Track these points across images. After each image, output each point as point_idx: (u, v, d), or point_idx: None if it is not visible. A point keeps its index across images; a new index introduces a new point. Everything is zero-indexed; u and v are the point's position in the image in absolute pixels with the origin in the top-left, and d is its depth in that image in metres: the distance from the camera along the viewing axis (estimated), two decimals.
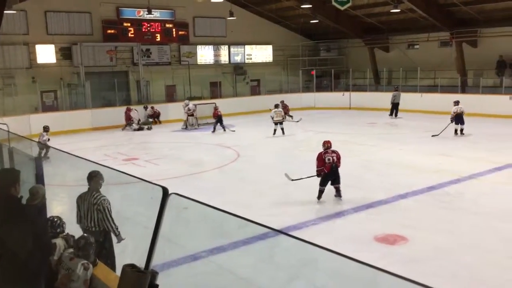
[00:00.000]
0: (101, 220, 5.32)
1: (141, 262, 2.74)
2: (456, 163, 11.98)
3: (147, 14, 21.14)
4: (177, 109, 21.38)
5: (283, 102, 21.20)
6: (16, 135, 7.32)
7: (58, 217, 4.76)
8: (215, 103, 19.68)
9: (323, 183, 9.02)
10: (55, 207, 6.98)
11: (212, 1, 21.48)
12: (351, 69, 26.36)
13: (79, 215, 5.49)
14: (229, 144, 15.73)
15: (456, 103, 15.88)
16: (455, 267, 6.12)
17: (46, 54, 21.02)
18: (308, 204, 8.95)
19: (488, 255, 6.48)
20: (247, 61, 27.55)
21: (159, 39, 23.45)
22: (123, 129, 20.23)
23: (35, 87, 20.33)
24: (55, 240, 4.41)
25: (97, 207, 5.29)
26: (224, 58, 26.79)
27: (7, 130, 7.42)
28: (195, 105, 20.50)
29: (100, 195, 5.34)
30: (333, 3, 21.23)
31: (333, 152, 9.05)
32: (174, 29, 23.79)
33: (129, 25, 22.48)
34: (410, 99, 22.24)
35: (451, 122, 15.78)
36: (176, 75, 24.48)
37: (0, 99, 18.75)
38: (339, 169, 9.03)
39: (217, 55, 26.51)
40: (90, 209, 5.33)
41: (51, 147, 12.76)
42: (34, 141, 7.61)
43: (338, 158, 9.02)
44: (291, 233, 3.83)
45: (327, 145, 9.19)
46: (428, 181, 10.15)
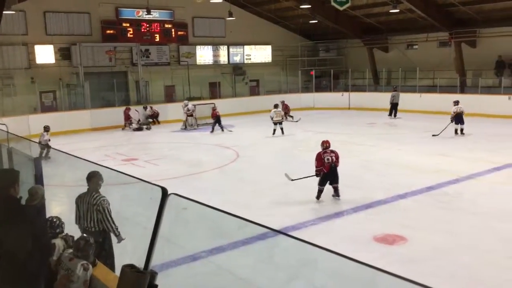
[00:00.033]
0: (101, 220, 5.31)
1: (140, 262, 2.75)
2: (455, 163, 11.99)
3: (146, 14, 21.14)
4: (176, 109, 21.38)
5: (284, 102, 21.25)
6: (15, 135, 7.32)
7: (57, 217, 4.76)
8: (213, 104, 19.67)
9: (322, 183, 9.04)
10: (54, 208, 6.98)
11: (211, 1, 21.49)
12: (350, 69, 26.38)
13: (78, 216, 5.49)
14: (229, 144, 15.72)
15: (456, 103, 15.90)
16: (453, 267, 6.13)
17: (45, 54, 21.00)
18: (307, 204, 8.95)
19: (486, 255, 6.49)
20: (246, 61, 27.55)
21: (158, 40, 23.43)
22: (123, 128, 20.26)
23: (34, 87, 20.31)
24: (55, 240, 4.42)
25: (96, 208, 5.29)
26: (223, 58, 26.78)
27: (6, 130, 7.42)
28: (194, 105, 20.52)
29: (99, 195, 5.34)
30: (332, 4, 21.24)
31: (332, 152, 9.07)
32: (173, 30, 23.78)
33: (128, 25, 22.46)
34: (409, 99, 22.26)
35: (451, 122, 15.81)
36: (175, 75, 24.48)
37: None
38: (338, 168, 9.06)
39: (216, 56, 26.51)
40: (89, 209, 5.33)
41: (51, 147, 12.82)
42: (33, 141, 7.59)
43: (336, 157, 9.05)
44: (291, 233, 3.84)
45: (325, 144, 9.20)
46: (427, 181, 10.17)
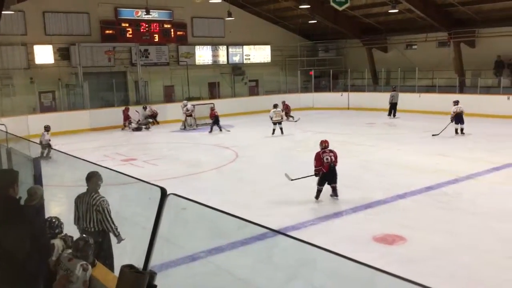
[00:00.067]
0: (101, 221, 5.31)
1: (140, 262, 2.74)
2: (454, 163, 12.00)
3: (145, 14, 21.14)
4: (175, 109, 21.37)
5: (285, 102, 21.25)
6: (14, 135, 7.31)
7: (56, 217, 4.76)
8: (212, 104, 19.67)
9: (321, 183, 9.04)
10: (53, 208, 6.98)
11: (210, 1, 21.48)
12: (349, 69, 26.39)
13: (77, 216, 5.48)
14: (228, 144, 15.72)
15: (455, 102, 15.92)
16: (453, 267, 6.13)
17: (44, 54, 20.99)
18: (306, 204, 8.95)
19: (486, 255, 6.49)
20: (245, 61, 27.54)
21: (157, 40, 23.42)
22: (123, 128, 20.25)
23: (33, 87, 20.29)
24: (54, 240, 4.41)
25: (96, 208, 5.28)
26: (222, 58, 26.78)
27: (5, 130, 7.41)
28: (194, 105, 20.51)
29: (99, 196, 5.33)
30: (331, 4, 21.23)
31: (331, 151, 9.08)
32: (172, 30, 23.76)
33: (127, 25, 22.45)
34: (408, 99, 22.28)
35: (451, 121, 15.82)
36: (174, 75, 24.47)
37: None
38: (336, 168, 9.06)
39: (215, 56, 26.50)
40: (89, 210, 5.32)
41: (52, 147, 12.82)
42: (32, 141, 7.58)
43: (335, 157, 9.06)
44: (290, 234, 3.84)
45: (324, 144, 9.21)
46: (426, 181, 10.17)
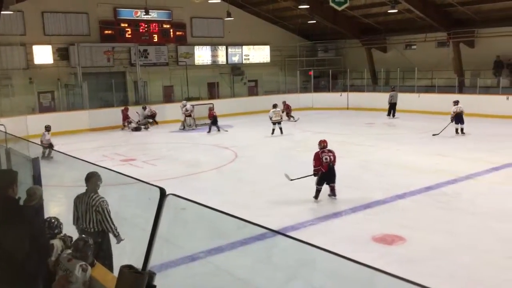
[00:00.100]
0: (100, 221, 5.30)
1: (139, 263, 2.74)
2: (453, 163, 12.00)
3: (145, 14, 21.13)
4: (174, 109, 21.35)
5: (285, 102, 21.26)
6: (13, 136, 7.31)
7: (55, 218, 4.76)
8: (212, 104, 19.65)
9: (320, 183, 9.04)
10: (53, 208, 6.98)
11: (209, 1, 21.47)
12: (349, 69, 26.40)
13: (76, 216, 5.47)
14: (227, 144, 15.71)
15: (455, 102, 15.93)
16: (452, 267, 6.13)
17: (43, 54, 20.96)
18: (305, 204, 8.95)
19: (485, 255, 6.49)
20: (244, 61, 27.54)
21: (156, 40, 23.39)
22: (123, 128, 20.24)
23: (32, 88, 20.28)
24: (53, 241, 4.41)
25: (95, 209, 5.28)
26: (221, 58, 26.76)
27: (4, 131, 7.41)
28: (193, 105, 20.51)
29: (98, 196, 5.32)
30: (331, 4, 21.24)
31: (330, 151, 9.09)
32: (171, 30, 23.74)
33: (127, 25, 22.41)
34: (407, 99, 22.28)
35: (451, 121, 15.83)
36: (173, 75, 24.44)
37: None
38: (335, 168, 9.07)
39: (214, 56, 26.48)
40: (88, 210, 5.31)
41: (53, 147, 12.81)
42: (31, 142, 7.57)
43: (334, 157, 9.07)
44: (289, 234, 3.84)
45: (323, 144, 9.21)
46: (425, 181, 10.17)
